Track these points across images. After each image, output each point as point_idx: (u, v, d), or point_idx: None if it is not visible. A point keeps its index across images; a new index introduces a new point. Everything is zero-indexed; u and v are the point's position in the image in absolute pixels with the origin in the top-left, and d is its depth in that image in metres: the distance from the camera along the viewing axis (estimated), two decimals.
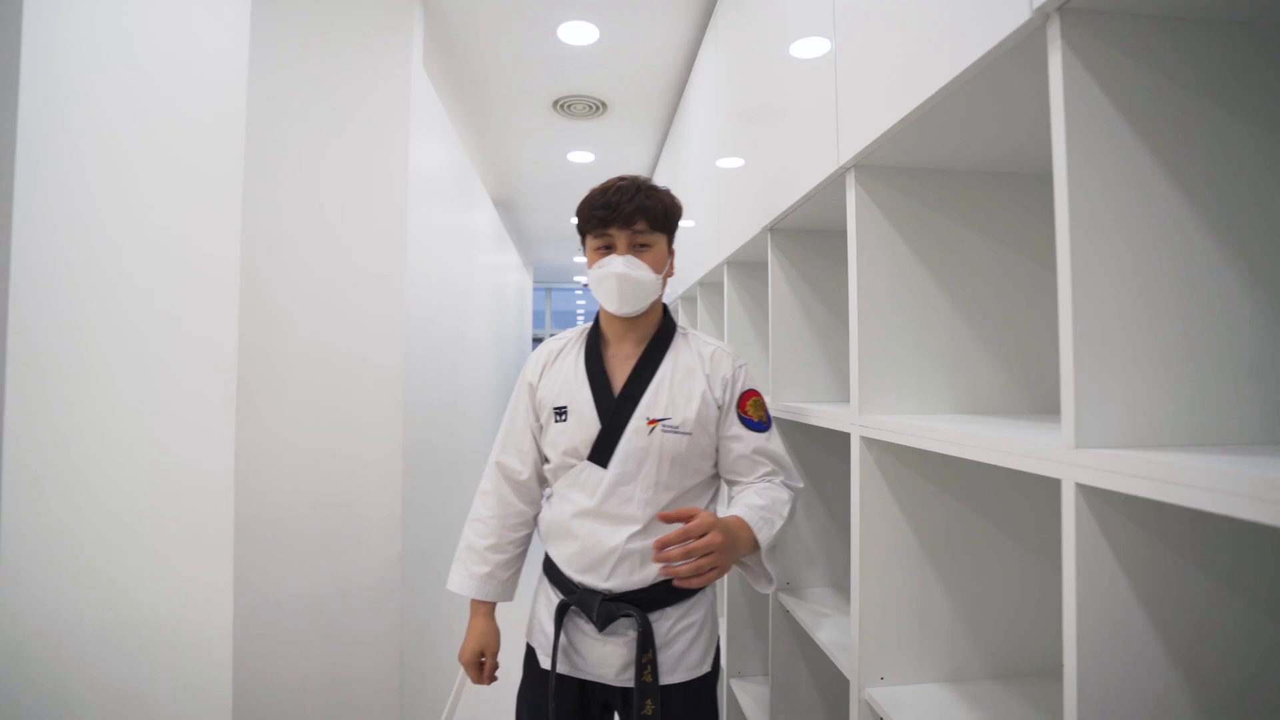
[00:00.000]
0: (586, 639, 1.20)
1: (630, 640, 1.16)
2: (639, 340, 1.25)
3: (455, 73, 2.67)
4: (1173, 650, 0.58)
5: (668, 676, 1.17)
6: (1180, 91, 0.59)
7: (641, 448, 1.16)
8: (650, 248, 1.20)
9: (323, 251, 1.73)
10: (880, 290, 1.02)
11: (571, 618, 1.21)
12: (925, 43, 0.79)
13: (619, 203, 1.17)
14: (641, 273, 1.18)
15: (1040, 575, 1.04)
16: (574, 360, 1.25)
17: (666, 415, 1.17)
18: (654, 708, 1.12)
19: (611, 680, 1.18)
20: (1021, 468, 0.64)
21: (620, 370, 1.22)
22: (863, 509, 1.01)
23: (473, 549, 1.30)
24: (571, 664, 1.21)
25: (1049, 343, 1.06)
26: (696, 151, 2.45)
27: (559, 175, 4.03)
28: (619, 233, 1.18)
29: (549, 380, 1.26)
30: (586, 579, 1.18)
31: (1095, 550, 0.58)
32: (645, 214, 1.18)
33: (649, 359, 1.22)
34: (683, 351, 1.24)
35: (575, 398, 1.21)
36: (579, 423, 1.19)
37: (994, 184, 1.05)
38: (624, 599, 1.16)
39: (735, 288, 1.93)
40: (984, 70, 0.70)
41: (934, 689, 1.01)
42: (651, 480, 1.16)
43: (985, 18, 0.67)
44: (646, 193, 1.19)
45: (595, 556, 1.17)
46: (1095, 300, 0.58)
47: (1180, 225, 0.59)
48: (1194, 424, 0.60)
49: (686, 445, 1.17)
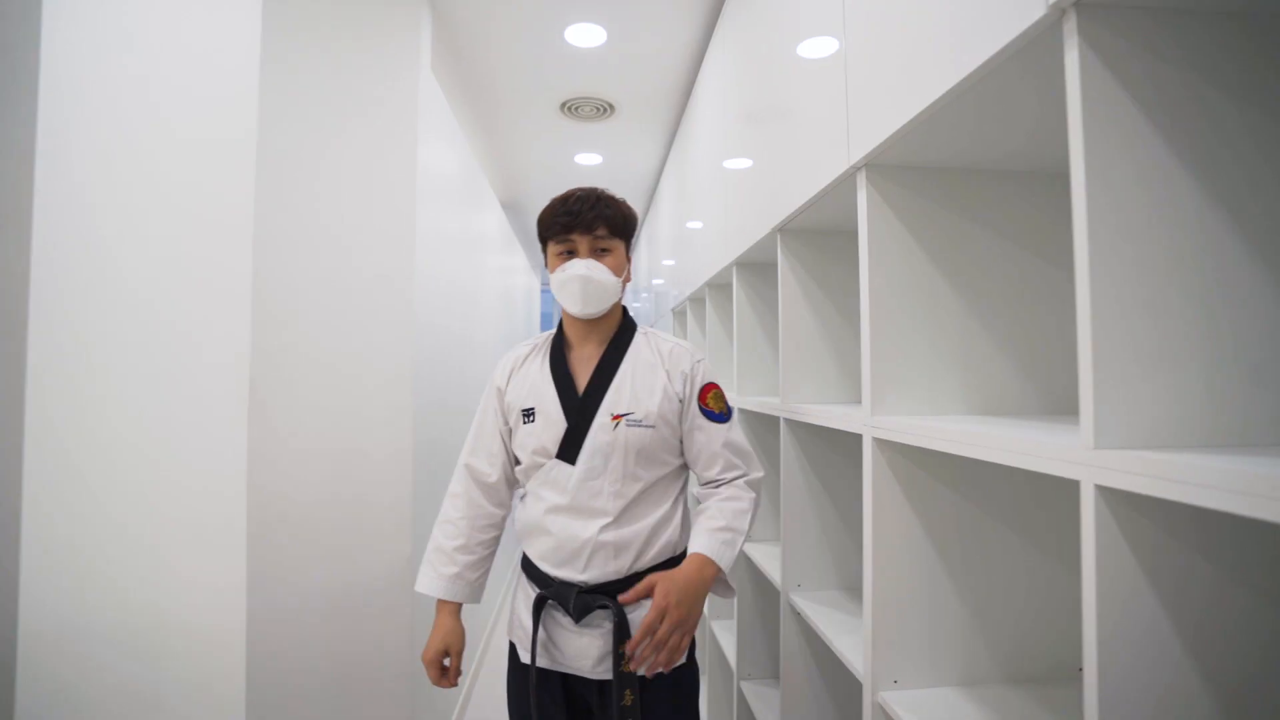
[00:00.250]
0: (564, 632, 1.23)
1: (606, 632, 1.20)
2: (601, 341, 1.30)
3: (463, 75, 2.68)
4: (1194, 653, 0.57)
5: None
6: (1200, 86, 0.58)
7: (607, 443, 1.21)
8: (610, 252, 1.26)
9: (332, 255, 1.74)
10: (892, 290, 1.01)
11: (549, 611, 1.24)
12: (937, 40, 0.79)
13: (580, 210, 1.23)
14: (603, 275, 1.24)
15: (1054, 578, 1.03)
16: (539, 364, 1.31)
17: (629, 410, 1.22)
18: (633, 698, 1.14)
19: (589, 673, 1.21)
20: (1039, 469, 0.63)
21: (584, 371, 1.27)
22: (875, 511, 1.00)
23: (441, 550, 1.32)
24: (551, 658, 1.24)
25: (1061, 343, 1.05)
26: (704, 153, 2.45)
27: (566, 177, 4.03)
28: (581, 238, 1.24)
29: (516, 384, 1.30)
30: (563, 572, 1.21)
31: (1115, 552, 0.57)
32: (606, 221, 1.24)
33: (610, 358, 1.27)
34: (643, 349, 1.29)
35: (542, 399, 1.26)
36: (546, 422, 1.24)
37: (1007, 182, 1.04)
38: (600, 590, 1.19)
39: (744, 289, 1.92)
40: (998, 67, 0.69)
41: (947, 692, 1.00)
42: (619, 473, 1.21)
43: (1000, 14, 0.66)
44: (606, 202, 1.26)
45: (570, 550, 1.21)
46: (1114, 299, 0.58)
47: (1201, 222, 0.58)
48: (1215, 424, 0.59)
49: (650, 438, 1.22)
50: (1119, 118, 0.57)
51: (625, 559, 1.20)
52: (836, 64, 1.11)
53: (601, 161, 3.72)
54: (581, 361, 1.29)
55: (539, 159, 3.71)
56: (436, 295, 2.11)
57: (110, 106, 0.93)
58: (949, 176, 1.03)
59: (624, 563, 1.20)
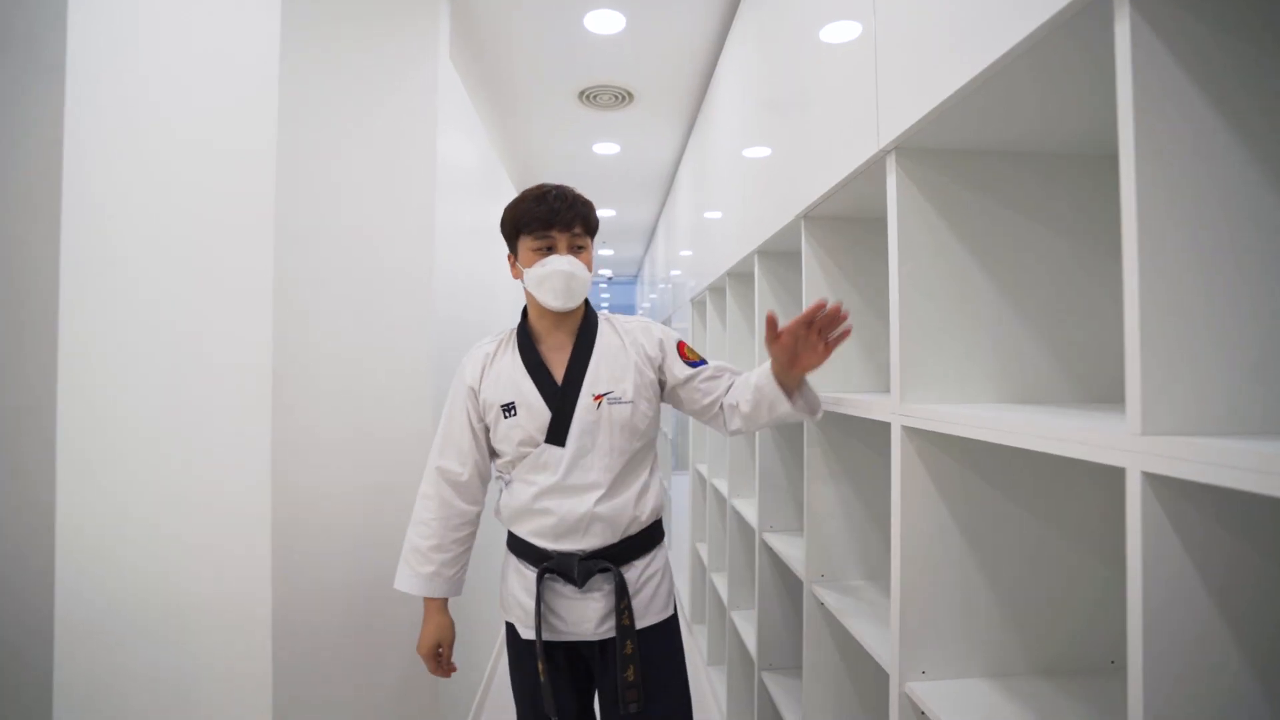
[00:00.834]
0: (565, 600, 1.32)
1: (607, 593, 1.31)
2: (569, 332, 1.38)
3: (482, 64, 2.67)
4: (1243, 644, 0.56)
5: (640, 621, 1.33)
6: (1259, 57, 0.55)
7: (593, 421, 1.30)
8: (584, 250, 1.36)
9: (353, 248, 1.74)
10: (922, 276, 0.99)
11: (549, 584, 1.32)
12: (976, 15, 0.76)
13: (561, 209, 1.31)
14: (583, 271, 1.33)
15: (1085, 568, 1.02)
16: (511, 359, 1.37)
17: (609, 389, 1.32)
18: (633, 647, 1.29)
19: (590, 635, 1.32)
20: (1083, 457, 0.62)
21: (556, 360, 1.36)
22: (904, 500, 0.98)
23: (417, 550, 1.38)
24: (551, 628, 1.33)
25: (1097, 330, 1.03)
26: (724, 140, 2.42)
27: (584, 167, 4.01)
28: (560, 235, 1.32)
29: (490, 382, 1.36)
30: (563, 545, 1.31)
31: (1162, 541, 0.55)
32: (582, 220, 1.34)
33: (583, 345, 1.36)
34: (608, 334, 1.39)
35: (521, 392, 1.33)
36: (529, 413, 1.32)
37: (1041, 165, 1.01)
38: (598, 555, 1.30)
39: (766, 277, 1.90)
40: (1041, 42, 0.67)
41: (977, 684, 0.98)
42: (607, 448, 1.31)
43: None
44: (582, 202, 1.35)
45: (569, 524, 1.30)
46: (1162, 281, 0.56)
47: (1257, 201, 0.56)
48: (1265, 410, 0.57)
49: (630, 412, 1.32)
50: (1172, 90, 0.54)
51: (620, 525, 1.31)
52: (865, 45, 1.09)
53: (619, 151, 3.71)
54: (552, 352, 1.37)
55: (557, 149, 3.70)
56: (455, 287, 2.11)
57: (129, 101, 0.94)
58: (982, 160, 1.01)
59: (619, 527, 1.31)
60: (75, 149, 0.82)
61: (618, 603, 1.29)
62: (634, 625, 1.30)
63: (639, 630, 1.32)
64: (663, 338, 1.40)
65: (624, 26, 2.35)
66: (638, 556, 1.35)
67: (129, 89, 0.93)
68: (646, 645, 1.33)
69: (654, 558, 1.39)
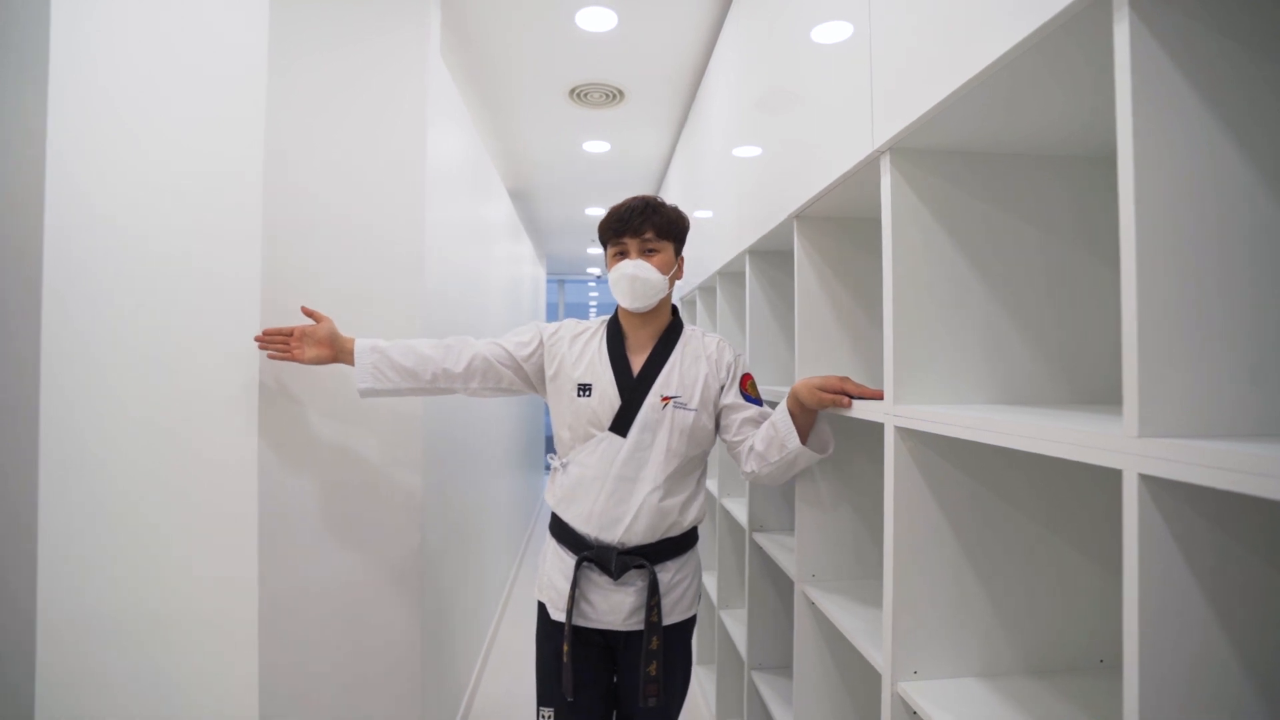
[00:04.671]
0: (599, 590, 1.39)
1: (640, 589, 1.38)
2: (652, 334, 1.46)
3: (472, 61, 2.65)
4: (1238, 645, 0.56)
5: (667, 618, 1.41)
6: (1256, 60, 0.56)
7: (656, 420, 1.38)
8: (658, 253, 1.42)
9: (342, 243, 1.72)
10: (915, 277, 0.99)
11: (585, 572, 1.39)
12: (974, 15, 0.76)
13: (629, 217, 1.40)
14: (649, 273, 1.40)
15: (1077, 569, 1.02)
16: (597, 345, 1.46)
17: (677, 394, 1.40)
18: (658, 642, 1.36)
19: (619, 625, 1.39)
20: (1080, 459, 0.62)
21: (636, 357, 1.44)
22: (896, 500, 0.99)
23: (390, 347, 1.46)
24: (581, 614, 1.40)
25: (1090, 332, 1.03)
26: (715, 139, 2.42)
27: (574, 166, 4.00)
28: (631, 241, 1.41)
29: (573, 354, 1.45)
30: (604, 535, 1.37)
31: (1158, 543, 0.55)
32: (652, 225, 1.41)
33: (661, 349, 1.44)
34: (690, 344, 1.47)
35: (599, 377, 1.41)
36: (602, 398, 1.40)
37: (1037, 167, 1.02)
38: (635, 552, 1.37)
39: (757, 277, 1.90)
40: (1039, 43, 0.67)
41: (969, 683, 0.99)
42: (664, 447, 1.38)
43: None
44: (654, 208, 1.42)
45: (614, 515, 1.37)
46: (1160, 282, 0.56)
47: (1252, 203, 0.56)
48: (1261, 413, 0.57)
49: (692, 420, 1.39)
50: (1169, 92, 0.54)
51: (663, 524, 1.38)
52: (860, 45, 1.09)
53: (609, 149, 3.69)
54: (634, 349, 1.45)
55: (547, 146, 3.68)
56: (445, 284, 2.10)
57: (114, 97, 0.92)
58: (977, 161, 1.01)
59: (661, 527, 1.38)
60: (58, 146, 0.80)
61: (649, 599, 1.36)
62: (661, 622, 1.37)
63: (665, 626, 1.39)
64: (733, 363, 1.47)
65: (615, 24, 2.34)
66: (671, 558, 1.42)
67: (114, 85, 0.91)
68: (667, 640, 1.40)
69: (687, 560, 1.46)
